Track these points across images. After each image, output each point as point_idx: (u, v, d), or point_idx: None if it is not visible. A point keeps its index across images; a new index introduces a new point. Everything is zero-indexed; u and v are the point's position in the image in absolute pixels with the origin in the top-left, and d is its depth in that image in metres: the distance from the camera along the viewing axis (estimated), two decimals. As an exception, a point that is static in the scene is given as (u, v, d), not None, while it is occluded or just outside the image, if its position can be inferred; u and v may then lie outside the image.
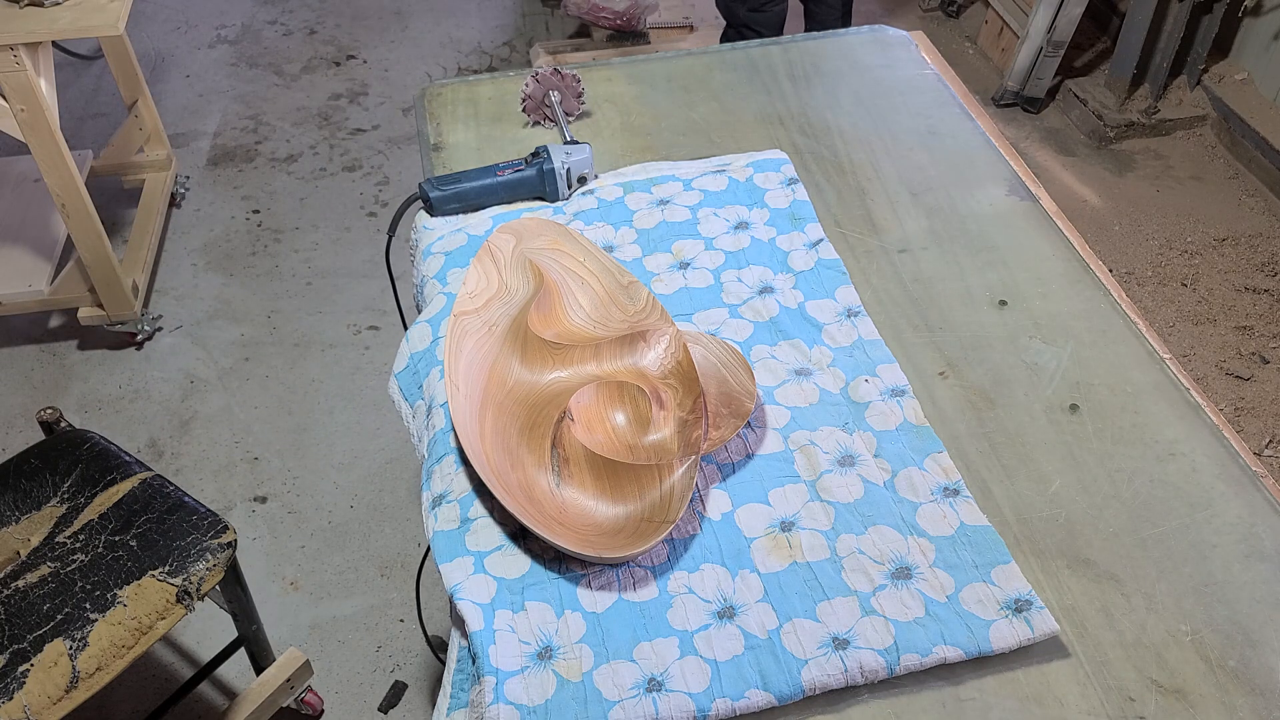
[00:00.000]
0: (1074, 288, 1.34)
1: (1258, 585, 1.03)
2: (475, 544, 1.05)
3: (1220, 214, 2.86)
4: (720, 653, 0.96)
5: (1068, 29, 2.99)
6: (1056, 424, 1.18)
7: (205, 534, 1.47)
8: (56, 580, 1.39)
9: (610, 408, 1.16)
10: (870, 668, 0.95)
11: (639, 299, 1.25)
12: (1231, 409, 2.36)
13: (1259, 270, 2.68)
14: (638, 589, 1.01)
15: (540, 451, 1.11)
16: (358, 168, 3.09)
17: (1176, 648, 0.99)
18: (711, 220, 1.42)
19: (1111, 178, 2.99)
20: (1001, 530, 1.07)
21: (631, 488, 1.07)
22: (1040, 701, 0.95)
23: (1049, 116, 3.20)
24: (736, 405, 1.13)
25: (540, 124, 1.59)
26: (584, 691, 0.93)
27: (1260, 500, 1.11)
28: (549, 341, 1.21)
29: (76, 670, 1.33)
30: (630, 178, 1.48)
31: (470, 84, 1.71)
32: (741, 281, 1.34)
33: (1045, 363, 1.25)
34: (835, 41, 1.80)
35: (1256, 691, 0.95)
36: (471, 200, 1.43)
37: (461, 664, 0.99)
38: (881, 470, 1.11)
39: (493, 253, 1.29)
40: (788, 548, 1.04)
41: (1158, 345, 1.27)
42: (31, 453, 1.56)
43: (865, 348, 1.25)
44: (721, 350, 1.19)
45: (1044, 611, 0.98)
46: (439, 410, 1.18)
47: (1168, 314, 2.58)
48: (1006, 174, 1.52)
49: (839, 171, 1.52)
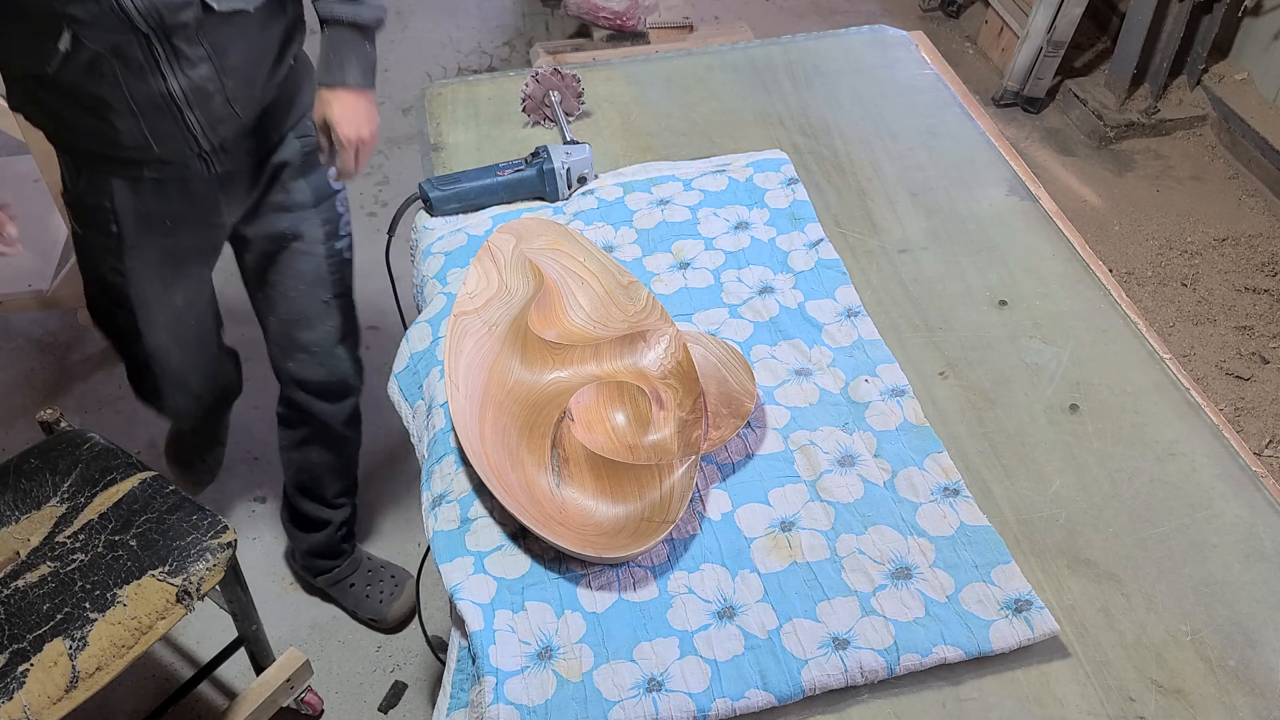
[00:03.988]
0: (1074, 288, 1.34)
1: (1258, 585, 1.03)
2: (475, 544, 1.05)
3: (1220, 214, 2.86)
4: (720, 653, 0.96)
5: (1068, 29, 2.99)
6: (1056, 424, 1.18)
7: (205, 534, 1.47)
8: (56, 580, 1.39)
9: (610, 408, 1.16)
10: (870, 668, 0.94)
11: (639, 299, 1.25)
12: (1231, 409, 2.36)
13: (1259, 270, 2.68)
14: (638, 589, 1.01)
15: (540, 451, 1.11)
16: (358, 168, 3.09)
17: (1176, 648, 0.99)
18: (711, 220, 1.42)
19: (1111, 178, 2.99)
20: (1001, 530, 1.07)
21: (631, 488, 1.07)
22: (1040, 701, 0.95)
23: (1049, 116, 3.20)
24: (736, 405, 1.13)
25: (540, 124, 1.59)
26: (584, 691, 0.93)
27: (1260, 500, 1.11)
28: (549, 341, 1.21)
29: (76, 670, 1.33)
30: (630, 178, 1.48)
31: (470, 84, 1.71)
32: (741, 281, 1.33)
33: (1045, 363, 1.25)
34: (835, 41, 1.80)
35: (1256, 691, 0.95)
36: (471, 200, 1.43)
37: (461, 664, 0.99)
38: (881, 470, 1.11)
39: (493, 253, 1.29)
40: (788, 548, 1.04)
41: (1158, 345, 1.27)
42: (31, 453, 1.56)
43: (865, 348, 1.25)
44: (721, 350, 1.19)
45: (1044, 611, 0.98)
46: (439, 410, 1.18)
47: (1168, 314, 2.58)
48: (1006, 174, 1.52)
49: (839, 171, 1.52)
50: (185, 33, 1.26)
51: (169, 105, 1.32)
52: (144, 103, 1.31)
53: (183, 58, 1.28)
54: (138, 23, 1.21)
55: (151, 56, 1.26)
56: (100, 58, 1.24)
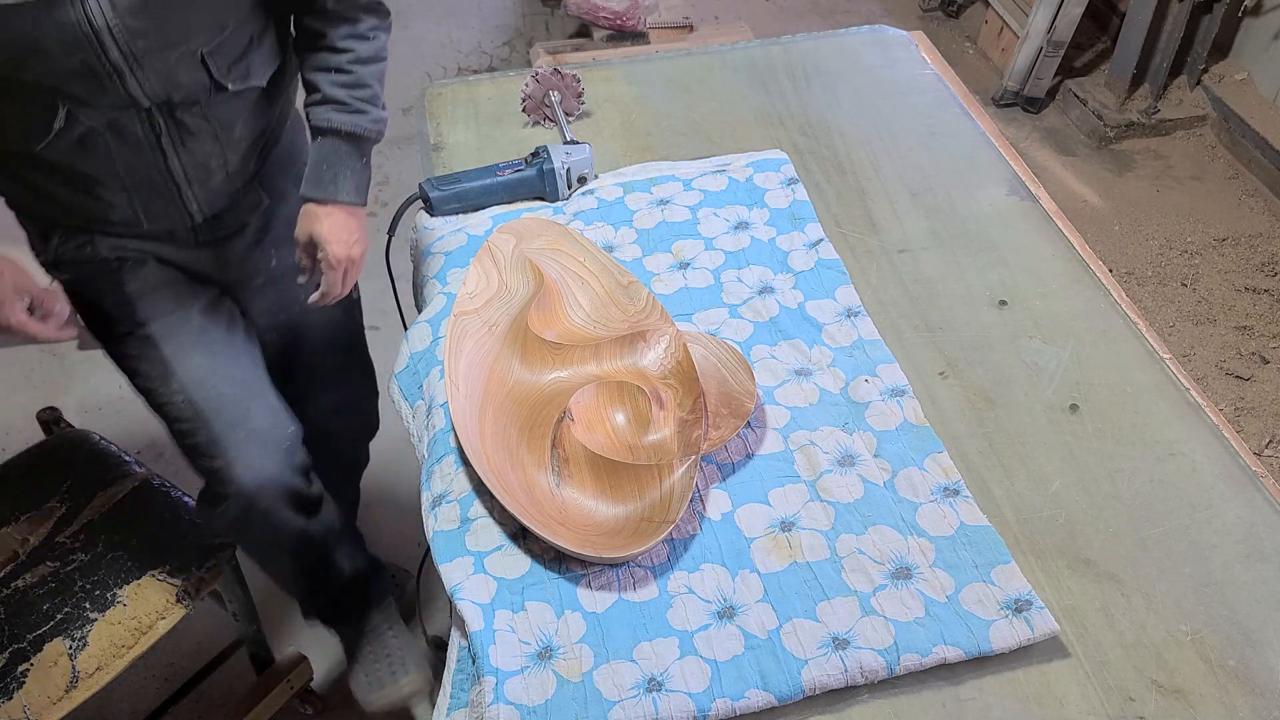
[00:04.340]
0: (1074, 288, 1.34)
1: (1258, 585, 1.03)
2: (475, 544, 1.05)
3: (1220, 214, 2.86)
4: (720, 653, 0.96)
5: (1068, 29, 2.99)
6: (1056, 424, 1.18)
7: (205, 534, 1.47)
8: (56, 580, 1.39)
9: (610, 408, 1.16)
10: (870, 668, 0.94)
11: (639, 299, 1.25)
12: (1231, 409, 2.36)
13: (1259, 270, 2.68)
14: (638, 589, 1.01)
15: (540, 451, 1.11)
16: (358, 168, 3.09)
17: (1176, 648, 0.99)
18: (711, 220, 1.42)
19: (1111, 178, 2.99)
20: (1001, 530, 1.06)
21: (631, 488, 1.07)
22: (1040, 701, 0.95)
23: (1049, 116, 3.20)
24: (736, 405, 1.13)
25: (540, 124, 1.59)
26: (584, 691, 0.93)
27: (1260, 500, 1.11)
28: (549, 341, 1.21)
29: (76, 670, 1.33)
30: (630, 178, 1.48)
31: (470, 84, 1.71)
32: (741, 281, 1.33)
33: (1045, 363, 1.25)
34: (835, 41, 1.80)
35: (1256, 691, 0.95)
36: (471, 200, 1.43)
37: (461, 664, 0.99)
38: (881, 470, 1.11)
39: (493, 253, 1.28)
40: (788, 548, 1.04)
41: (1158, 345, 1.27)
42: (31, 453, 1.56)
43: (865, 348, 1.24)
44: (721, 350, 1.19)
45: (1044, 611, 0.98)
46: (439, 410, 1.18)
47: (1168, 314, 2.58)
48: (1006, 174, 1.52)
49: (839, 171, 1.52)
50: (192, 109, 1.17)
51: (167, 183, 1.22)
52: (140, 180, 1.20)
53: (186, 132, 1.19)
54: (141, 101, 1.13)
55: (153, 132, 1.17)
56: (94, 133, 1.14)
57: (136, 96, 1.12)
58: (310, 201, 1.28)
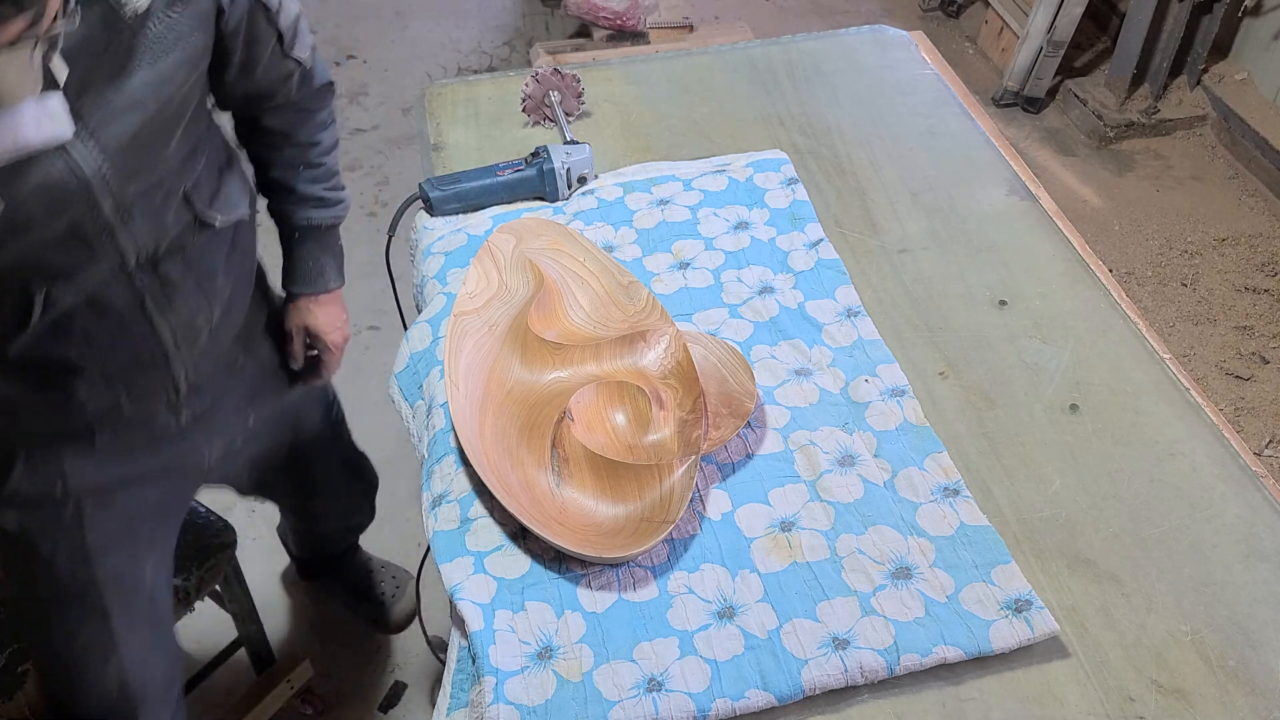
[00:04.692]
0: (1074, 288, 1.34)
1: (1258, 585, 1.03)
2: (475, 544, 1.05)
3: (1220, 214, 2.86)
4: (720, 653, 0.96)
5: (1068, 29, 2.99)
6: (1056, 424, 1.18)
7: (205, 534, 1.47)
8: (56, 580, 1.39)
9: (610, 408, 1.16)
10: (870, 668, 0.94)
11: (639, 299, 1.25)
12: (1231, 409, 2.36)
13: (1259, 270, 2.68)
14: (638, 589, 1.01)
15: (540, 451, 1.11)
16: (358, 168, 3.09)
17: (1176, 648, 0.99)
18: (711, 220, 1.42)
19: (1111, 178, 2.99)
20: (1001, 530, 1.06)
21: (631, 488, 1.07)
22: (1040, 701, 0.95)
23: (1049, 116, 3.20)
24: (736, 405, 1.13)
25: (540, 124, 1.59)
26: (584, 691, 0.93)
27: (1260, 500, 1.11)
28: (549, 341, 1.21)
29: (76, 670, 1.33)
30: (630, 178, 1.48)
31: (470, 84, 1.71)
32: (741, 281, 1.33)
33: (1045, 363, 1.25)
34: (835, 41, 1.80)
35: (1256, 691, 0.95)
36: (471, 200, 1.43)
37: (461, 664, 0.99)
38: (881, 470, 1.11)
39: (493, 253, 1.29)
40: (788, 548, 1.04)
41: (1158, 345, 1.27)
42: (31, 453, 1.56)
43: (865, 348, 1.24)
44: (721, 350, 1.19)
45: (1044, 611, 0.98)
46: (439, 410, 1.18)
47: (1168, 314, 2.58)
48: (1006, 174, 1.52)
49: (839, 171, 1.52)
50: (175, 259, 1.05)
51: (154, 353, 1.08)
52: (123, 358, 1.06)
53: (171, 289, 1.06)
54: (129, 259, 1.00)
55: (135, 298, 1.03)
56: (71, 314, 0.99)
57: (125, 253, 0.99)
58: (302, 297, 1.31)
